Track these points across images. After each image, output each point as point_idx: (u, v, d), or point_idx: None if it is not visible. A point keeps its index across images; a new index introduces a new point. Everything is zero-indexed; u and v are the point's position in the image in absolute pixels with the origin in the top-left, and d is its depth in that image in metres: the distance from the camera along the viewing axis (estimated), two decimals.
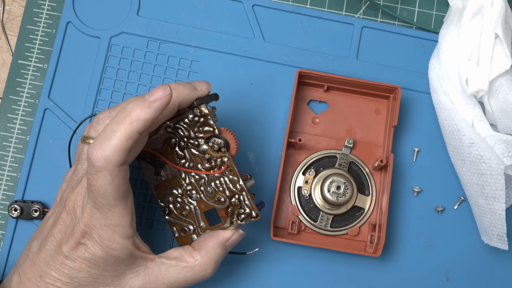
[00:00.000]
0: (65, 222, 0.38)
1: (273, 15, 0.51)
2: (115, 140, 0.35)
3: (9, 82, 0.50)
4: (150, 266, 0.39)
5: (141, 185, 0.48)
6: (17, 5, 0.52)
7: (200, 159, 0.40)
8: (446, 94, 0.48)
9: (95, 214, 0.37)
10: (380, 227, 0.46)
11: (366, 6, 0.53)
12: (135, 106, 0.35)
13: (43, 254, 0.38)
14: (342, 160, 0.49)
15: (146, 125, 0.35)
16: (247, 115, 0.50)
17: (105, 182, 0.35)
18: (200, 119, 0.39)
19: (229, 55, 0.51)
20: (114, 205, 0.36)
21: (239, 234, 0.42)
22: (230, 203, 0.41)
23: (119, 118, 0.35)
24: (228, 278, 0.47)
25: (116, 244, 0.37)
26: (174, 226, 0.43)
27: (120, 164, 0.35)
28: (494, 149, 0.45)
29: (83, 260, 0.37)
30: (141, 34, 0.50)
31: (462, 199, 0.49)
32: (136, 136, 0.35)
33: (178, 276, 0.40)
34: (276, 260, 0.48)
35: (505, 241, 0.45)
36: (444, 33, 0.48)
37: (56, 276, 0.37)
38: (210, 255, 0.40)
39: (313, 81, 0.49)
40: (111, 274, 0.38)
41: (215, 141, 0.39)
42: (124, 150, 0.35)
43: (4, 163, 0.49)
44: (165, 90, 0.36)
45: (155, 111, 0.35)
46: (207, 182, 0.41)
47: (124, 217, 0.37)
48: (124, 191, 0.37)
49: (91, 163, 0.35)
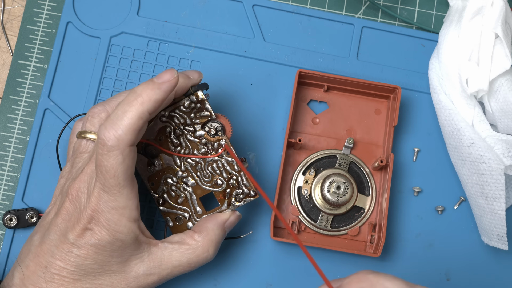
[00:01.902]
0: (69, 210, 0.39)
1: (273, 15, 0.51)
2: (127, 119, 0.36)
3: (9, 82, 0.50)
4: (154, 251, 0.40)
5: (141, 185, 0.48)
6: (17, 5, 0.52)
7: (196, 145, 0.42)
8: (446, 94, 0.48)
9: (103, 197, 0.37)
10: (380, 227, 0.46)
11: (366, 6, 0.53)
12: (145, 87, 0.37)
13: (46, 245, 0.39)
14: (342, 160, 0.49)
15: (156, 105, 0.37)
16: (247, 115, 0.50)
17: (116, 162, 0.36)
18: (197, 105, 0.41)
19: (229, 55, 0.51)
20: (123, 186, 0.37)
21: (236, 215, 0.43)
22: (228, 185, 0.42)
23: (130, 99, 0.37)
24: (228, 278, 0.47)
25: (123, 227, 0.38)
26: (168, 215, 0.44)
27: (131, 144, 0.37)
28: (494, 149, 0.45)
29: (90, 247, 0.38)
30: (141, 34, 0.50)
31: (462, 199, 0.49)
32: (147, 116, 0.37)
33: (182, 259, 0.41)
34: (276, 260, 0.48)
35: (505, 241, 0.45)
36: (444, 33, 0.48)
37: (62, 265, 0.38)
38: (211, 236, 0.41)
39: (313, 81, 0.49)
40: (117, 260, 0.39)
41: (212, 125, 0.41)
42: (136, 130, 0.37)
43: (4, 163, 0.49)
44: (172, 73, 0.38)
45: (165, 92, 0.37)
46: (203, 167, 0.42)
47: (132, 199, 0.38)
48: (132, 173, 0.38)
49: (103, 143, 0.36)
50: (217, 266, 0.47)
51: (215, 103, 0.50)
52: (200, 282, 0.47)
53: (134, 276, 0.40)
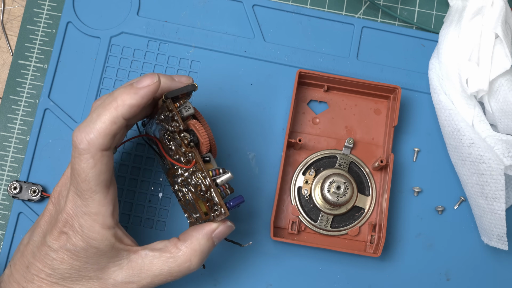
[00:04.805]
0: (51, 213, 0.39)
1: (273, 15, 0.51)
2: (99, 123, 0.35)
3: (9, 82, 0.50)
4: (134, 258, 0.39)
5: (141, 185, 0.48)
6: (17, 5, 0.52)
7: (182, 152, 0.40)
8: (446, 94, 0.48)
9: (76, 201, 0.37)
10: (380, 227, 0.46)
11: (366, 6, 0.53)
12: (122, 92, 0.36)
13: (30, 246, 0.39)
14: (342, 160, 0.49)
15: (132, 110, 0.36)
16: (247, 115, 0.50)
17: (87, 166, 0.35)
18: (170, 114, 0.39)
19: (229, 55, 0.51)
20: (95, 191, 0.36)
21: (227, 226, 0.40)
22: (207, 198, 0.39)
23: (106, 103, 0.36)
24: (228, 278, 0.47)
25: (96, 234, 0.37)
26: (186, 212, 0.43)
27: (103, 148, 0.35)
28: (494, 149, 0.45)
29: (65, 251, 0.37)
30: (141, 34, 0.50)
31: (462, 199, 0.49)
32: (121, 121, 0.36)
33: (163, 268, 0.39)
34: (276, 260, 0.48)
35: (505, 241, 0.45)
36: (444, 33, 0.48)
37: (40, 267, 0.38)
38: (195, 246, 0.39)
39: (313, 81, 0.49)
40: (93, 266, 0.38)
41: (185, 135, 0.38)
42: (108, 135, 0.35)
43: (4, 163, 0.49)
44: (152, 79, 0.36)
45: (141, 97, 0.36)
46: (190, 175, 0.40)
47: (105, 206, 0.37)
48: (106, 179, 0.37)
49: (75, 146, 0.35)
50: (217, 266, 0.47)
51: (215, 103, 0.50)
52: (200, 282, 0.47)
53: (112, 283, 0.39)
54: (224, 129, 0.49)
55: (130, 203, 0.48)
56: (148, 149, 0.49)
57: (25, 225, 0.47)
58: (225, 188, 0.39)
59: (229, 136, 0.49)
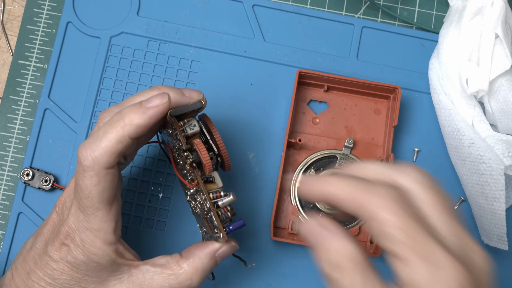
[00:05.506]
0: (54, 222, 0.39)
1: (273, 15, 0.51)
2: (105, 141, 0.35)
3: (9, 82, 0.50)
4: (135, 273, 0.39)
5: (141, 185, 0.48)
6: (17, 5, 0.52)
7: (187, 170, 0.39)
8: (446, 94, 0.48)
9: (78, 216, 0.37)
10: None
11: (366, 6, 0.53)
12: (130, 110, 0.35)
13: (32, 253, 0.39)
14: (342, 160, 0.49)
15: (139, 130, 0.35)
16: (247, 115, 0.50)
17: (90, 183, 0.35)
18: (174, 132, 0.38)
19: (229, 55, 0.51)
20: (98, 208, 0.36)
21: (230, 246, 0.40)
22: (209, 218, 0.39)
23: (113, 121, 0.35)
24: (228, 278, 0.47)
25: (98, 250, 0.37)
26: (198, 222, 0.42)
27: (107, 166, 0.35)
28: (494, 149, 0.45)
29: (65, 263, 0.37)
30: (141, 34, 0.50)
31: (462, 199, 0.49)
32: (128, 141, 0.35)
33: (163, 284, 0.39)
34: (276, 260, 0.48)
35: (505, 241, 0.45)
36: (444, 33, 0.48)
37: (40, 275, 0.38)
38: (197, 264, 0.39)
39: (313, 81, 0.49)
40: (93, 279, 0.38)
41: (188, 155, 0.37)
42: (113, 153, 0.35)
43: (4, 163, 0.49)
44: (162, 99, 0.36)
45: (149, 117, 0.35)
46: (195, 191, 0.39)
47: (107, 223, 0.37)
48: (109, 196, 0.36)
49: (79, 162, 0.35)
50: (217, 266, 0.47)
51: (215, 103, 0.50)
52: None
53: None
54: (224, 129, 0.49)
55: (130, 203, 0.48)
56: (148, 149, 0.49)
57: (25, 225, 0.47)
58: (226, 210, 0.38)
59: (229, 136, 0.49)
